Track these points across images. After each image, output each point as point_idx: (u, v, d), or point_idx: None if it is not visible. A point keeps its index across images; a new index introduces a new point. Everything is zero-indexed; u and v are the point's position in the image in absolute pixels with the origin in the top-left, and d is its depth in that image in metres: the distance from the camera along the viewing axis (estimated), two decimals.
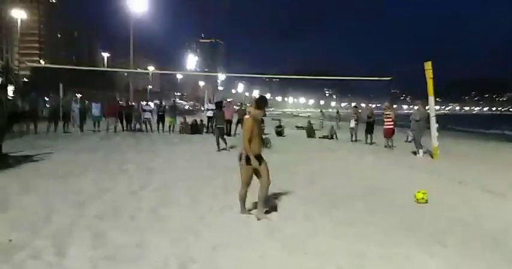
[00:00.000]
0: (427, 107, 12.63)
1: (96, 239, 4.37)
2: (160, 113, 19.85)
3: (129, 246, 4.21)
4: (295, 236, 4.62)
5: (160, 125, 19.48)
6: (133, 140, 15.48)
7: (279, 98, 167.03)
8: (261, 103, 5.22)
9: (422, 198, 6.32)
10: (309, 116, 35.84)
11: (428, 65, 11.96)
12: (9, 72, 57.28)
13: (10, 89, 50.86)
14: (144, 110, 19.83)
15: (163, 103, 21.55)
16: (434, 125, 12.01)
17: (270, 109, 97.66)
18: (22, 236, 4.38)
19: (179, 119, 20.34)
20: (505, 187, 7.76)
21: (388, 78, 15.19)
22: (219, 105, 13.93)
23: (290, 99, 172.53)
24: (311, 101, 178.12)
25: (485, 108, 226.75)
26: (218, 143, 12.27)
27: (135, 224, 4.95)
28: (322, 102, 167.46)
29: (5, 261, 3.73)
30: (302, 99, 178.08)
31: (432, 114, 12.15)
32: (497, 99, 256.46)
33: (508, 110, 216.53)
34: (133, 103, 22.19)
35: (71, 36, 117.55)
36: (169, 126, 19.41)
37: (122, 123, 19.51)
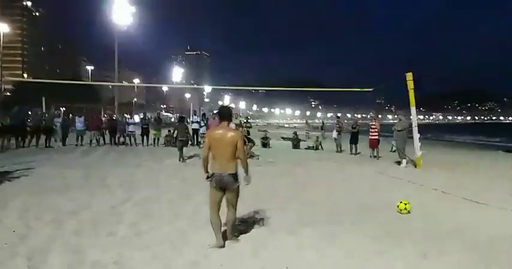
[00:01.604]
0: (409, 117, 12.79)
1: (74, 256, 4.27)
2: (144, 126, 19.68)
3: (106, 263, 4.12)
4: (279, 251, 4.57)
5: (145, 138, 19.30)
6: (117, 154, 15.28)
7: (265, 110, 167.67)
8: (223, 114, 4.70)
9: (405, 209, 6.35)
10: (295, 127, 35.95)
11: (409, 76, 12.16)
12: None
13: None
14: (128, 124, 19.64)
15: (148, 116, 21.37)
16: (416, 135, 12.16)
17: (256, 121, 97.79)
18: None
19: (164, 132, 20.18)
20: (487, 196, 7.84)
21: (369, 90, 15.35)
22: (182, 119, 14.99)
23: (277, 111, 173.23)
24: (297, 112, 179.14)
25: (468, 118, 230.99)
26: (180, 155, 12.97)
27: (114, 240, 4.86)
28: (308, 113, 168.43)
29: None
30: (288, 111, 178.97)
31: (414, 124, 12.31)
32: (479, 108, 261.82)
33: (491, 119, 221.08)
34: (116, 116, 21.96)
35: (55, 49, 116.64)
36: (154, 139, 19.23)
37: (103, 137, 19.26)
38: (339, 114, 24.75)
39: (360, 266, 4.15)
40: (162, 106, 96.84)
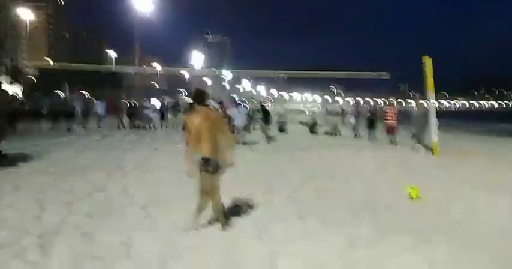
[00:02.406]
0: (428, 103, 12.50)
1: (83, 237, 4.40)
2: (162, 111, 19.93)
3: (114, 244, 4.23)
4: (285, 236, 4.59)
5: (163, 122, 19.56)
6: (135, 137, 15.55)
7: (285, 95, 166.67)
8: (197, 97, 4.62)
9: (416, 195, 6.26)
10: (314, 112, 35.69)
11: (427, 61, 11.83)
12: (17, 73, 57.81)
13: (18, 89, 51.37)
14: (147, 108, 19.90)
15: (166, 101, 21.64)
16: (434, 121, 11.89)
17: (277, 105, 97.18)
18: (9, 234, 4.42)
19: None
20: (502, 184, 7.65)
21: (387, 76, 15.07)
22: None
23: (297, 96, 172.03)
24: (318, 98, 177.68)
25: (496, 105, 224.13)
26: None
27: (124, 222, 4.97)
28: (328, 98, 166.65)
29: None
30: (309, 96, 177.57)
31: (432, 110, 12.03)
32: (507, 94, 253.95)
33: None
34: (135, 102, 22.30)
35: (79, 37, 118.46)
36: (173, 125, 19.48)
37: (122, 121, 19.61)
38: (358, 100, 24.36)
39: (369, 254, 4.11)
40: (183, 92, 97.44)
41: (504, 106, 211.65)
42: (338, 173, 8.73)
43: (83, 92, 56.41)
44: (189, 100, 20.44)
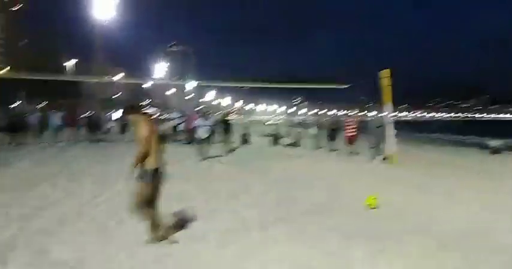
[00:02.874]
0: (385, 114, 12.99)
1: (37, 253, 4.25)
2: (124, 123, 19.50)
3: (68, 260, 4.11)
4: (248, 246, 4.64)
5: (125, 134, 19.14)
6: (94, 150, 15.15)
7: (250, 106, 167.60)
8: (133, 108, 4.64)
9: (372, 203, 6.47)
10: (277, 123, 36.07)
11: (383, 74, 12.34)
12: None
13: None
14: (108, 119, 19.46)
15: None
16: (391, 132, 12.36)
17: (239, 116, 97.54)
18: None
19: None
20: (456, 191, 8.04)
21: (345, 86, 15.58)
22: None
23: (261, 107, 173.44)
24: (281, 109, 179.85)
25: (450, 114, 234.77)
26: None
27: (80, 236, 4.84)
28: (292, 109, 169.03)
29: None
30: (272, 107, 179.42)
31: (389, 120, 12.50)
32: (459, 105, 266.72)
33: (471, 116, 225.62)
34: (95, 112, 21.76)
35: (38, 45, 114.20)
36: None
37: (81, 132, 19.05)
38: (319, 111, 24.88)
39: (324, 261, 4.22)
40: (144, 102, 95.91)
41: (459, 116, 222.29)
42: (300, 183, 8.88)
43: (41, 102, 54.38)
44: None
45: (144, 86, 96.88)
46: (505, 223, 5.78)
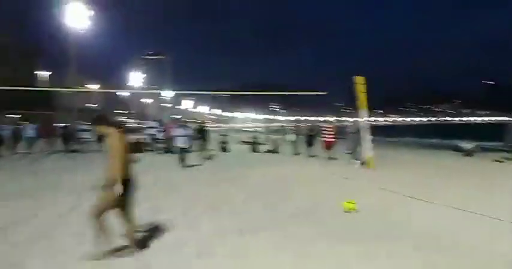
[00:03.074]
0: (361, 120, 13.22)
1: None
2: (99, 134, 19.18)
3: None
4: (228, 254, 4.63)
5: (100, 145, 18.79)
6: (69, 161, 14.85)
7: (228, 114, 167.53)
8: (105, 119, 4.60)
9: (351, 208, 6.56)
10: (256, 131, 36.21)
11: (358, 80, 12.59)
12: None
13: None
14: (83, 130, 19.09)
15: None
16: (368, 137, 12.59)
17: (219, 125, 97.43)
18: None
19: None
20: (434, 195, 8.22)
21: (323, 93, 15.83)
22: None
23: (240, 114, 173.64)
24: (260, 116, 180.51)
25: (424, 119, 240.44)
26: None
27: (57, 250, 4.74)
28: (270, 117, 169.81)
29: None
30: (251, 115, 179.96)
31: (365, 126, 12.73)
32: (432, 109, 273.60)
33: (444, 120, 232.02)
34: (70, 123, 21.33)
35: (10, 55, 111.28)
36: None
37: (56, 144, 18.63)
38: (297, 118, 25.12)
39: (303, 266, 4.25)
40: (120, 112, 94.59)
41: (435, 121, 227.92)
42: (280, 189, 8.93)
43: (13, 114, 52.98)
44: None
45: (120, 95, 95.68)
46: (474, 225, 5.97)
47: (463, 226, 5.86)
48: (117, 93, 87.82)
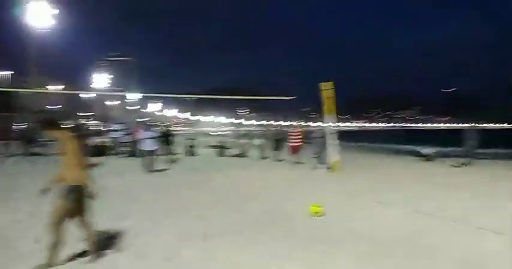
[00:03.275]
0: (327, 124, 13.45)
1: None
2: None
3: None
4: (191, 259, 4.59)
5: None
6: (28, 164, 14.29)
7: (196, 117, 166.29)
8: (54, 122, 4.42)
9: (317, 212, 6.64)
10: (224, 135, 36.08)
11: (325, 86, 12.82)
12: None
13: None
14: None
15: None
16: (333, 141, 12.81)
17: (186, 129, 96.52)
18: None
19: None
20: (395, 198, 8.46)
21: (291, 98, 15.98)
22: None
23: (208, 118, 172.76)
24: (228, 120, 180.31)
25: (387, 125, 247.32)
26: None
27: (17, 256, 4.55)
28: (238, 121, 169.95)
29: None
30: (219, 119, 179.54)
31: (331, 131, 12.96)
32: (395, 115, 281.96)
33: (406, 126, 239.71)
34: (30, 125, 20.56)
35: None
36: None
37: (14, 147, 17.90)
38: (264, 122, 25.28)
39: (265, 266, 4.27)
40: (83, 114, 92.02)
41: (396, 126, 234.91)
42: (247, 193, 8.94)
43: None
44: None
45: (83, 97, 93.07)
46: (434, 227, 6.19)
47: (425, 228, 6.05)
48: (81, 95, 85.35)
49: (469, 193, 9.24)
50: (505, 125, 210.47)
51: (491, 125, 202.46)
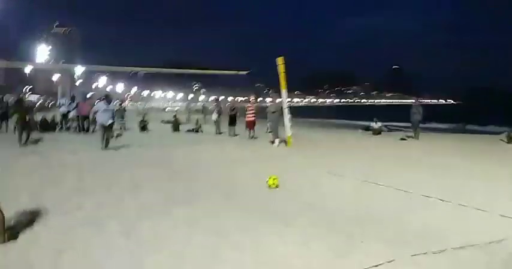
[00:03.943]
0: (280, 100, 13.66)
1: None
2: (2, 111, 17.49)
3: None
4: (153, 230, 4.64)
5: (4, 123, 17.18)
6: None
7: (146, 92, 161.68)
8: None
9: (273, 184, 6.85)
10: (176, 110, 35.42)
11: (280, 61, 12.92)
12: None
13: None
14: None
15: (5, 99, 19.09)
16: (287, 116, 13.07)
17: (136, 104, 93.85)
18: None
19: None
20: (346, 169, 8.87)
21: (245, 72, 16.02)
22: (18, 101, 14.07)
23: (158, 93, 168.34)
24: (180, 95, 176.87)
25: (336, 100, 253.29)
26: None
27: None
28: (191, 96, 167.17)
29: None
30: (170, 94, 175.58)
31: (285, 106, 13.18)
32: (344, 91, 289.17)
33: (355, 102, 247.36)
34: None
35: None
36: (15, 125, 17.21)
37: None
38: (219, 97, 25.19)
39: (227, 241, 4.39)
40: (25, 88, 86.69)
41: (346, 102, 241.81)
42: (203, 167, 9.00)
43: None
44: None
45: (25, 71, 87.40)
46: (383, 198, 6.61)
47: (376, 198, 6.43)
48: (23, 68, 79.95)
49: (415, 163, 9.88)
50: (442, 101, 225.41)
51: (434, 101, 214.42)
